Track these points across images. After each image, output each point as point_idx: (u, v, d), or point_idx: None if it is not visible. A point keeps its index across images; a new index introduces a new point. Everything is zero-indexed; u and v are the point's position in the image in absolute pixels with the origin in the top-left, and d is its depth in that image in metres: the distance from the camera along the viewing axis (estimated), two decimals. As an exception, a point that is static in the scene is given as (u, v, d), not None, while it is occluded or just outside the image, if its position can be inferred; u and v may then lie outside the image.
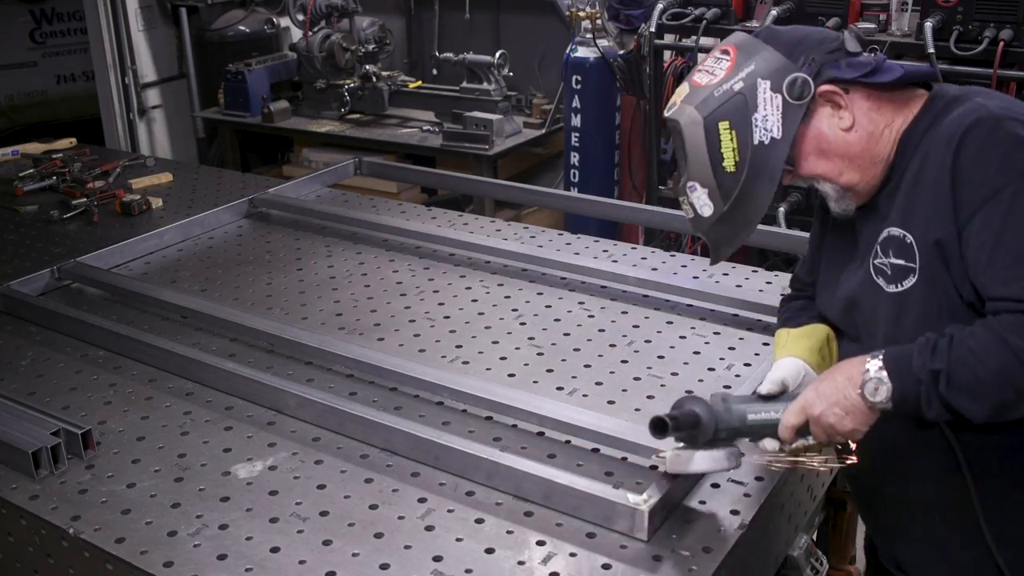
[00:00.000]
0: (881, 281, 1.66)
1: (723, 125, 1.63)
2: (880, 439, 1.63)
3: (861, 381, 1.53)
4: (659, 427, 1.63)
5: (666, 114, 1.71)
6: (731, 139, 1.63)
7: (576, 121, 5.13)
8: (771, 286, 2.64)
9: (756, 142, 1.63)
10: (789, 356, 1.81)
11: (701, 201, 1.68)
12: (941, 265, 1.56)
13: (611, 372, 2.25)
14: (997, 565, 1.66)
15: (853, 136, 1.65)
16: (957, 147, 1.54)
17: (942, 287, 1.58)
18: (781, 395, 1.69)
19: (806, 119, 1.64)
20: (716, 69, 1.67)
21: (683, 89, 1.70)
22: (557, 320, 2.51)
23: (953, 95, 1.66)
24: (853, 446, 1.68)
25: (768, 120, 1.63)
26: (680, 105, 1.68)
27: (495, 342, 2.40)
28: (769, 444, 1.67)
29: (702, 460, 1.66)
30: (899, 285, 1.62)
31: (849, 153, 1.66)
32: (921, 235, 1.59)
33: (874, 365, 1.53)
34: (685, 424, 1.63)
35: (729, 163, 1.64)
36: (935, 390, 1.48)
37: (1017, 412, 1.48)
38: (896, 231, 1.62)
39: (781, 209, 4.26)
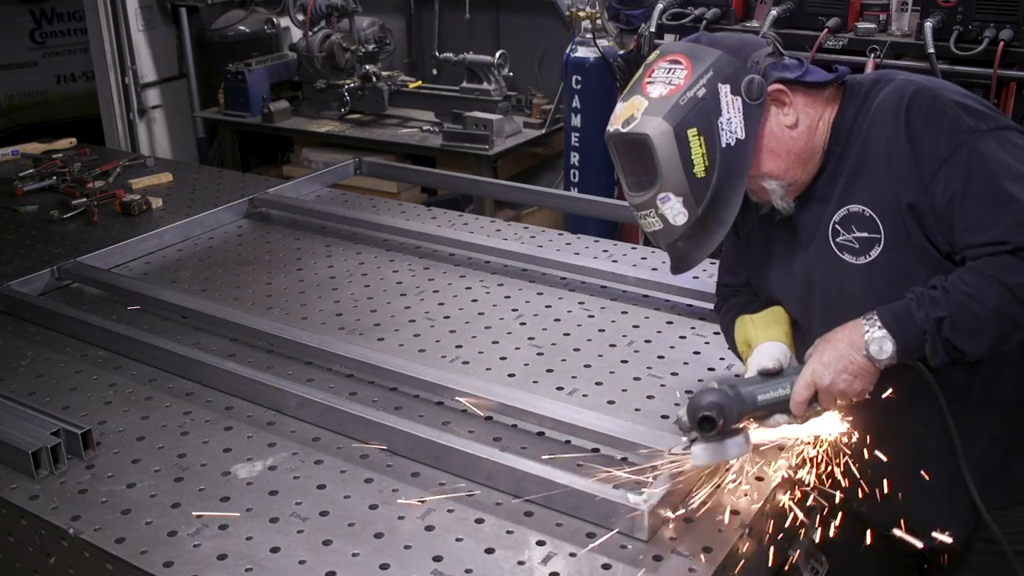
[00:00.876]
0: (848, 256, 1.75)
1: (691, 132, 1.67)
2: (871, 404, 1.71)
3: (864, 343, 1.62)
4: (708, 422, 1.64)
5: (623, 129, 1.71)
6: (700, 145, 1.67)
7: (576, 121, 5.13)
8: (771, 286, 2.64)
9: (723, 145, 1.67)
10: (768, 341, 1.87)
11: (675, 210, 1.71)
12: (915, 225, 1.67)
13: (611, 372, 2.25)
14: (967, 490, 1.74)
15: (796, 132, 1.74)
16: (906, 117, 1.66)
17: (916, 246, 1.68)
18: (779, 373, 1.74)
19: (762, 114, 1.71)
20: (673, 78, 1.70)
21: (638, 102, 1.71)
22: (557, 320, 2.51)
23: (870, 80, 1.78)
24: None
25: (732, 122, 1.68)
26: (643, 118, 1.69)
27: (495, 342, 2.40)
28: (781, 419, 1.72)
29: (733, 447, 1.68)
30: (867, 256, 1.73)
31: (795, 149, 1.75)
32: (882, 205, 1.69)
33: (873, 326, 1.63)
34: (721, 415, 1.64)
35: (699, 169, 1.68)
36: (939, 336, 1.59)
37: (1011, 342, 1.61)
38: (855, 207, 1.72)
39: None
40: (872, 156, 1.71)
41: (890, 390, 1.69)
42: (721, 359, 2.28)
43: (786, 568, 2.02)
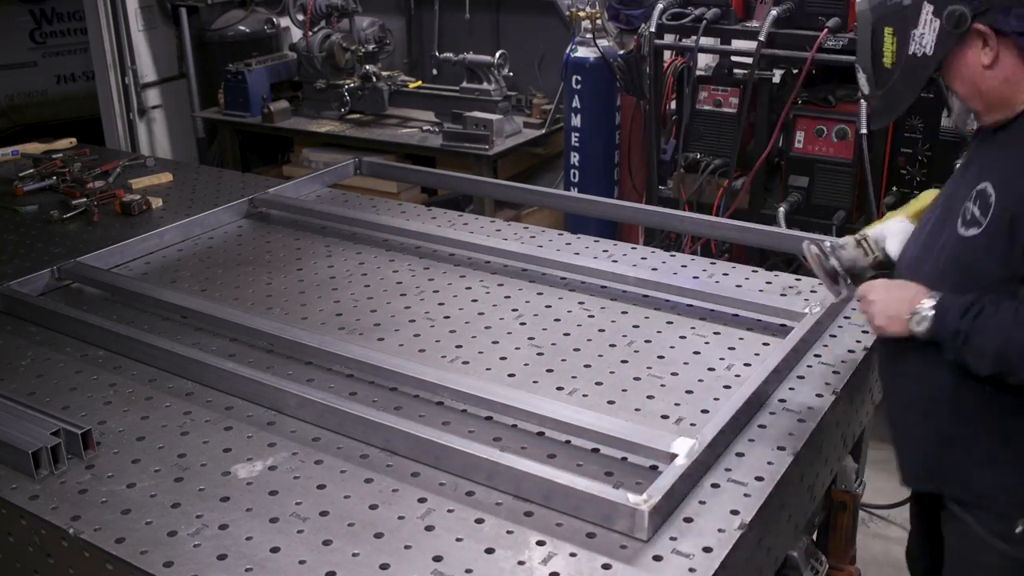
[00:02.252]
0: (960, 221, 1.89)
1: (888, 29, 1.89)
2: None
3: (912, 311, 1.89)
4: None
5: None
6: (891, 42, 1.89)
7: (576, 121, 5.13)
8: (771, 286, 2.64)
9: (911, 52, 1.87)
10: (902, 218, 2.15)
11: (862, 81, 1.98)
12: (1008, 234, 1.79)
13: (611, 372, 2.25)
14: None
15: (990, 74, 1.83)
16: None
17: (1000, 251, 1.82)
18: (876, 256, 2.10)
19: (959, 42, 1.83)
20: None
21: None
22: (557, 320, 2.51)
23: None
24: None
25: (924, 38, 1.85)
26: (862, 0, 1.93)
27: (495, 342, 2.40)
28: (844, 289, 2.11)
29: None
30: (968, 230, 1.87)
31: (982, 85, 1.86)
32: (1001, 198, 1.81)
33: (927, 304, 1.87)
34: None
35: (888, 60, 1.91)
36: (960, 345, 1.83)
37: (1015, 379, 1.80)
38: (988, 186, 1.84)
39: (781, 209, 4.27)
40: None
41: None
42: (721, 359, 2.28)
43: (786, 567, 2.03)
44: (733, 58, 4.56)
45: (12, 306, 2.63)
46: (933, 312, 1.84)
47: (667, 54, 4.61)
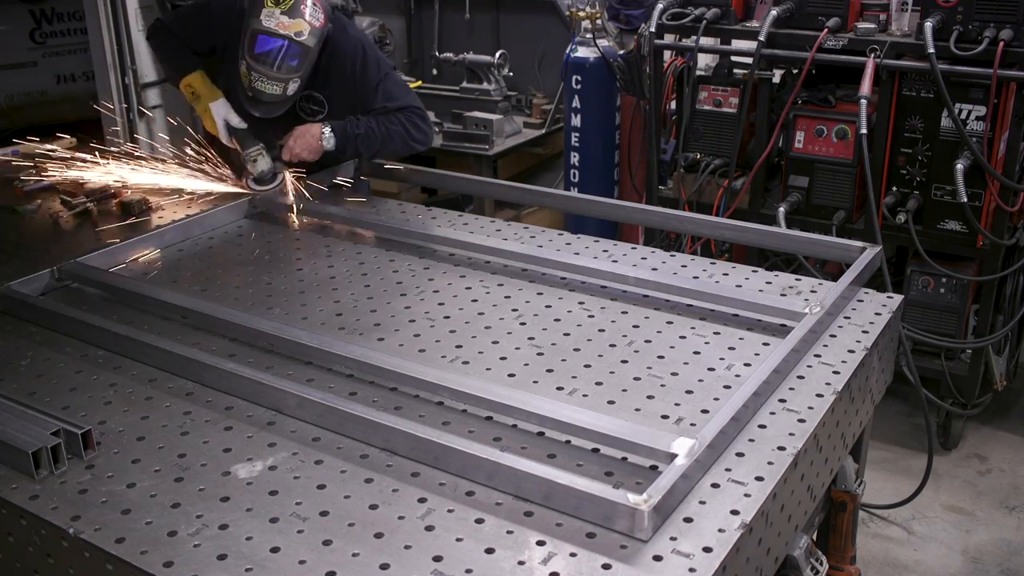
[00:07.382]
0: (304, 113, 3.33)
1: None
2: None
3: (319, 135, 3.35)
4: None
5: None
6: None
7: (576, 121, 5.13)
8: (771, 286, 2.64)
9: None
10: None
11: None
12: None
13: (611, 372, 2.25)
14: None
15: None
16: None
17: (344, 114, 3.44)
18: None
19: None
20: None
21: None
22: (557, 320, 2.51)
23: None
24: None
25: None
26: None
27: (495, 342, 2.40)
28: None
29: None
30: (315, 116, 3.42)
31: None
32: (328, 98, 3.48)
33: (326, 131, 3.34)
34: None
35: None
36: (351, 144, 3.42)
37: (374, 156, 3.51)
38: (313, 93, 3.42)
39: (781, 209, 4.27)
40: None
41: None
42: (721, 359, 2.28)
43: (786, 567, 2.03)
44: (733, 58, 4.56)
45: (12, 306, 2.63)
46: (332, 132, 3.26)
47: (667, 54, 4.61)
